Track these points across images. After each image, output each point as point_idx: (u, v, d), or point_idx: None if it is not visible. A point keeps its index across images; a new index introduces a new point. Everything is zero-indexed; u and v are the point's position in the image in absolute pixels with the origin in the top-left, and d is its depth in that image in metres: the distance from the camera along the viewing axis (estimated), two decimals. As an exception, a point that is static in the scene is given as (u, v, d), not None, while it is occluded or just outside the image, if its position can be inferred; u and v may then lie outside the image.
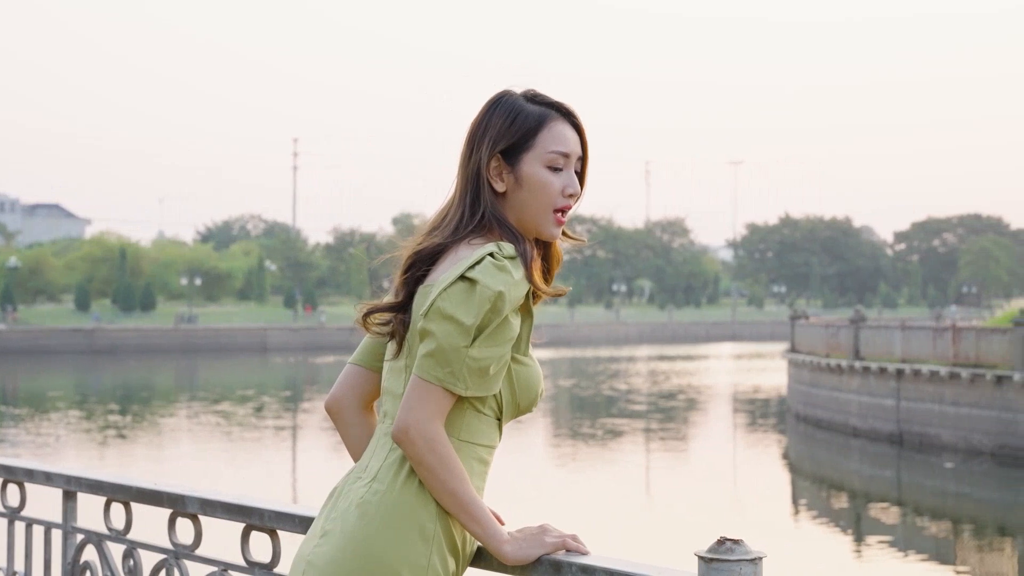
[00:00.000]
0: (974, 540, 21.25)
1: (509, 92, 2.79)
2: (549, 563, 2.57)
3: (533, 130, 2.73)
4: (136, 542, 3.63)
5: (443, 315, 2.57)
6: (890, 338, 33.64)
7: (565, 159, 2.74)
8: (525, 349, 2.71)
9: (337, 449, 30.79)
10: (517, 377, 2.68)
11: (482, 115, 2.77)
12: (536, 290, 2.70)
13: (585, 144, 2.79)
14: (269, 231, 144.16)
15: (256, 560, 3.26)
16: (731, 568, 2.25)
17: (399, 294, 2.76)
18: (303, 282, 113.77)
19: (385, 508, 2.60)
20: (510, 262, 2.61)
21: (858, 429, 33.80)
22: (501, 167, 2.73)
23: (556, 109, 2.77)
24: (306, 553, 2.65)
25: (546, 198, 2.72)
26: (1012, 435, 28.55)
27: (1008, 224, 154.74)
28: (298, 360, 75.24)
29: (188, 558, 3.48)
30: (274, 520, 3.14)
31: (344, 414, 2.90)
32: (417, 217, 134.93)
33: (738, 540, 2.26)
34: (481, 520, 2.60)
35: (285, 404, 44.27)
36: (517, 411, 2.72)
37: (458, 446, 2.66)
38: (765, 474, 28.50)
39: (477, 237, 2.70)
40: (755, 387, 51.98)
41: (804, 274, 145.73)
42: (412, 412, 2.59)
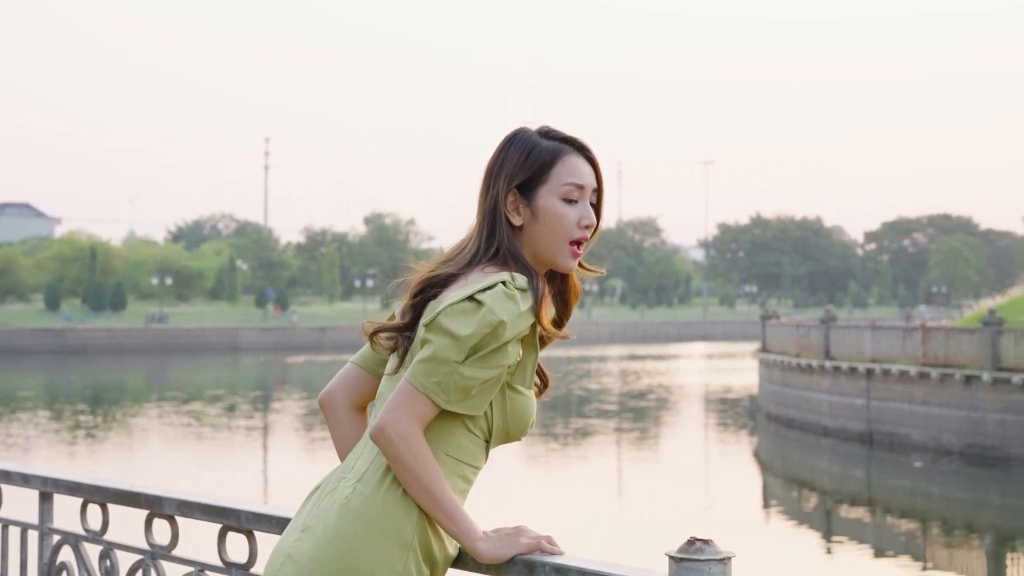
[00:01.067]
0: (943, 538, 21.38)
1: (524, 129, 2.87)
2: (523, 563, 2.62)
3: (548, 164, 2.81)
4: (113, 543, 3.66)
5: (443, 328, 2.65)
6: (860, 338, 33.82)
7: (580, 191, 2.81)
8: (528, 382, 2.79)
9: (308, 450, 30.76)
10: (512, 405, 2.76)
11: (498, 152, 2.86)
12: (542, 329, 2.76)
13: (600, 177, 2.87)
14: (240, 230, 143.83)
15: (233, 560, 3.29)
16: (701, 568, 2.30)
17: (406, 315, 2.83)
18: (275, 282, 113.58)
19: (367, 511, 2.66)
20: (520, 293, 2.68)
21: (828, 428, 33.97)
22: (518, 201, 2.81)
23: (570, 143, 2.85)
24: (286, 546, 2.71)
25: (562, 230, 2.79)
26: (981, 434, 28.74)
27: (977, 224, 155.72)
28: (269, 360, 75.10)
29: (165, 559, 3.51)
30: (251, 521, 3.18)
31: (335, 409, 2.97)
32: (389, 217, 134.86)
33: (708, 540, 2.31)
34: (456, 518, 2.66)
35: (256, 404, 44.17)
36: (506, 437, 2.79)
37: (444, 460, 2.72)
38: (736, 473, 28.62)
39: (490, 267, 2.77)
40: (726, 387, 52.14)
41: (775, 274, 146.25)
42: (392, 412, 2.65)
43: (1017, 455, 27.81)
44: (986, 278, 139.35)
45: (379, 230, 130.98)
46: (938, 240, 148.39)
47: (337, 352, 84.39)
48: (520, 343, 2.71)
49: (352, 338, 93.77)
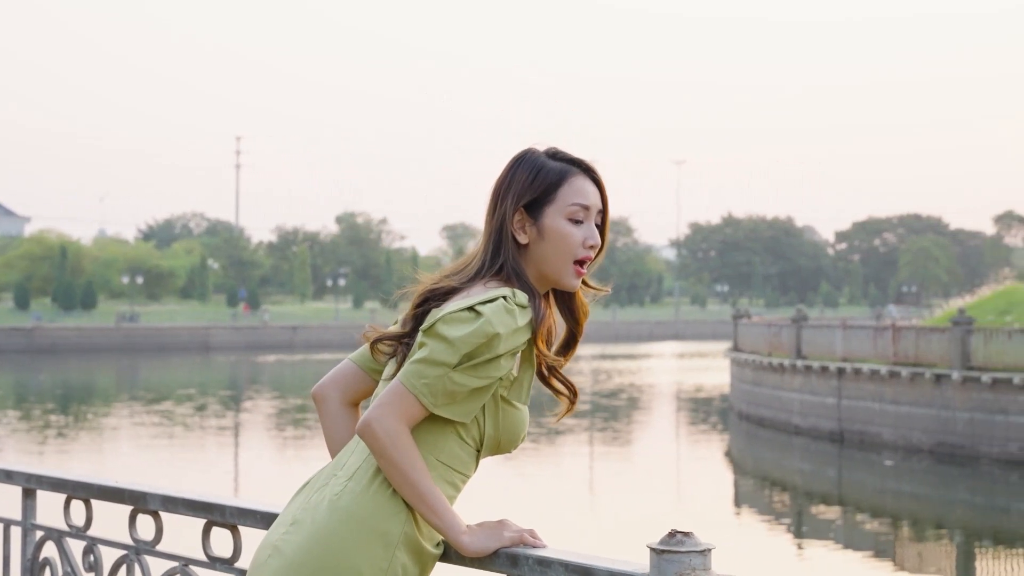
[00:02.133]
0: (913, 536, 21.51)
1: (532, 150, 2.93)
2: (506, 556, 2.67)
3: (555, 184, 2.87)
4: (96, 538, 3.68)
5: (439, 334, 2.70)
6: (831, 337, 33.99)
7: (585, 212, 2.88)
8: (525, 398, 2.86)
9: (279, 449, 30.72)
10: (504, 417, 2.82)
11: (506, 171, 2.92)
12: (538, 350, 2.82)
13: (605, 198, 2.93)
14: (212, 229, 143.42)
15: (217, 555, 3.33)
16: (681, 559, 2.35)
17: (407, 324, 2.88)
18: (246, 281, 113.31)
19: (356, 508, 2.71)
20: (519, 309, 2.73)
21: (800, 427, 34.13)
22: (524, 220, 2.87)
23: (577, 165, 2.91)
24: (274, 539, 2.76)
25: (567, 249, 2.85)
26: (950, 433, 28.93)
27: (947, 224, 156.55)
28: (241, 359, 74.93)
29: (149, 554, 3.53)
30: (236, 516, 3.22)
31: (328, 403, 3.03)
32: (360, 216, 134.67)
33: (688, 532, 2.36)
34: (440, 512, 2.71)
35: (227, 404, 44.07)
36: (497, 448, 2.85)
37: (435, 466, 2.78)
38: (708, 472, 28.71)
39: (494, 282, 2.83)
40: (698, 386, 52.28)
41: (746, 273, 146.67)
42: (380, 408, 2.71)
43: (986, 453, 28.01)
44: (956, 278, 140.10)
45: (351, 229, 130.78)
46: (908, 240, 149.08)
47: (308, 351, 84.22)
48: (518, 358, 2.78)
49: (324, 337, 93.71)
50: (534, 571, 2.62)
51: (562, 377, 2.95)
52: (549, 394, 2.98)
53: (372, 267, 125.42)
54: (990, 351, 28.49)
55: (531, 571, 2.63)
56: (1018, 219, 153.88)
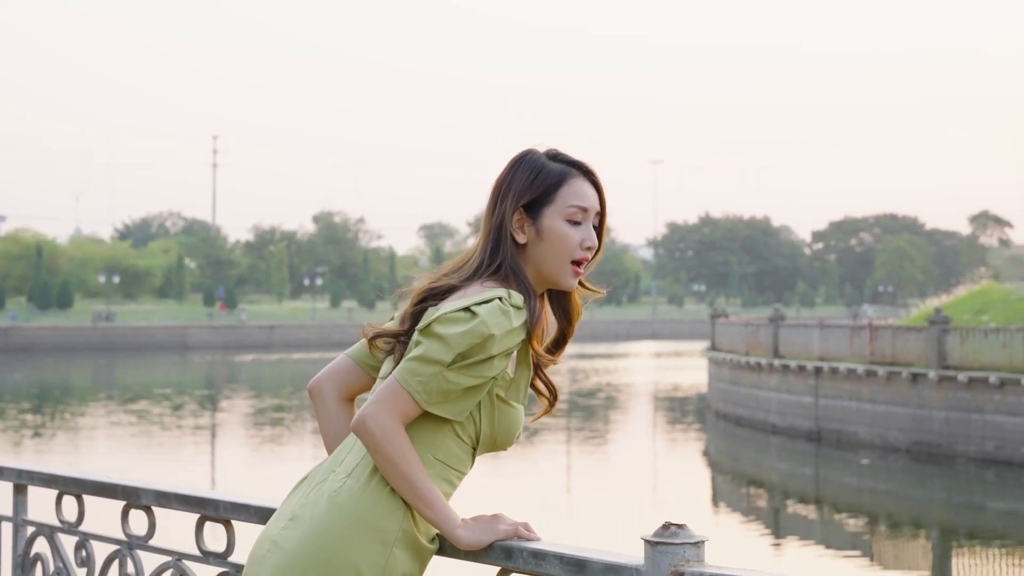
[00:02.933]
0: (889, 534, 21.59)
1: (532, 151, 2.96)
2: (501, 549, 2.70)
3: (555, 186, 2.90)
4: (89, 533, 3.69)
5: (435, 333, 2.73)
6: (809, 336, 34.08)
7: (584, 213, 2.91)
8: (521, 398, 2.89)
9: (257, 450, 30.63)
10: (500, 416, 2.85)
11: (506, 171, 2.94)
12: (532, 350, 2.85)
13: (603, 201, 2.97)
14: (188, 228, 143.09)
15: (211, 550, 3.34)
16: (675, 551, 2.38)
17: (405, 322, 2.91)
18: (223, 280, 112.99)
19: (354, 505, 2.73)
20: (515, 310, 2.76)
21: (777, 426, 34.21)
22: (523, 220, 2.90)
23: (576, 167, 2.95)
24: (272, 534, 2.79)
25: (565, 250, 2.89)
26: (927, 431, 29.04)
27: (923, 224, 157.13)
28: (218, 359, 74.72)
29: (142, 548, 3.54)
30: (230, 511, 3.23)
31: (324, 398, 3.05)
32: (338, 215, 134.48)
33: (682, 524, 2.39)
34: (436, 506, 2.74)
35: (203, 403, 43.94)
36: (493, 446, 2.89)
37: (432, 463, 2.81)
38: (685, 471, 28.77)
39: (492, 281, 2.86)
40: (675, 385, 52.34)
41: (723, 273, 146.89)
42: (374, 405, 2.74)
43: (962, 452, 28.12)
44: (931, 277, 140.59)
45: (328, 228, 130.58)
46: (884, 240, 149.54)
47: (286, 351, 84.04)
48: (514, 358, 2.82)
49: (301, 336, 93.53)
50: (528, 564, 2.65)
51: (545, 378, 2.98)
52: (529, 395, 3.01)
53: (349, 266, 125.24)
54: (966, 350, 28.61)
55: (526, 564, 2.65)
56: (993, 219, 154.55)
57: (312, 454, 29.49)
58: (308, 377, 44.10)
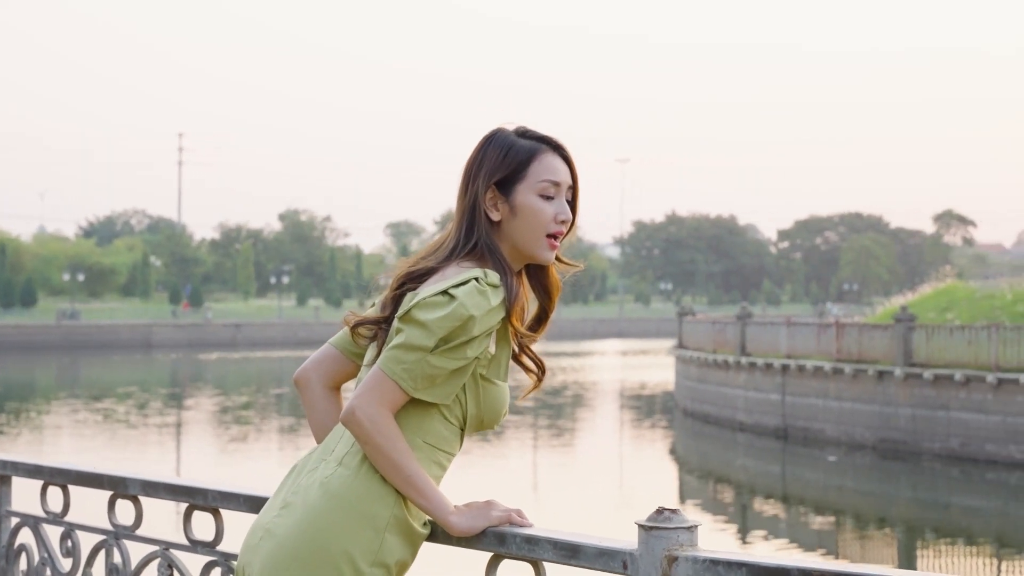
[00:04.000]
0: (856, 531, 21.71)
1: (502, 129, 2.98)
2: (494, 535, 2.72)
3: (525, 162, 2.91)
4: (74, 524, 3.68)
5: (415, 320, 2.75)
6: (776, 334, 34.23)
7: (556, 188, 2.92)
8: (503, 375, 2.90)
9: (225, 451, 30.51)
10: (485, 395, 2.87)
11: (477, 151, 2.96)
12: (512, 327, 2.87)
13: (575, 175, 2.98)
14: (154, 226, 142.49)
15: (199, 539, 3.34)
16: (669, 536, 2.40)
17: (386, 308, 2.92)
18: (189, 278, 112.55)
19: (346, 492, 2.75)
20: (492, 289, 2.78)
21: (744, 424, 34.34)
22: (496, 198, 2.91)
23: (546, 143, 2.96)
24: (265, 522, 2.81)
25: (538, 224, 2.90)
26: (893, 429, 29.21)
27: (888, 223, 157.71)
28: (182, 357, 74.41)
29: (129, 538, 3.53)
30: (219, 500, 3.23)
31: (310, 389, 3.06)
32: (304, 213, 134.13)
33: (675, 510, 2.42)
34: (427, 493, 2.77)
35: (168, 402, 43.75)
36: (480, 425, 2.90)
37: (421, 447, 2.83)
38: (653, 469, 28.84)
39: (468, 262, 2.87)
40: (642, 383, 52.44)
41: (690, 271, 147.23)
42: (362, 396, 2.76)
43: (928, 449, 28.30)
44: (896, 276, 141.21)
45: (295, 226, 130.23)
46: (849, 238, 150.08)
47: (252, 349, 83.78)
48: (494, 336, 2.83)
49: (268, 334, 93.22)
50: (522, 549, 2.66)
51: (531, 353, 2.99)
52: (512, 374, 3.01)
53: (316, 264, 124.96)
54: (932, 348, 28.80)
55: (519, 549, 2.67)
56: (957, 218, 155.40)
57: (278, 454, 29.44)
58: (274, 375, 44.14)
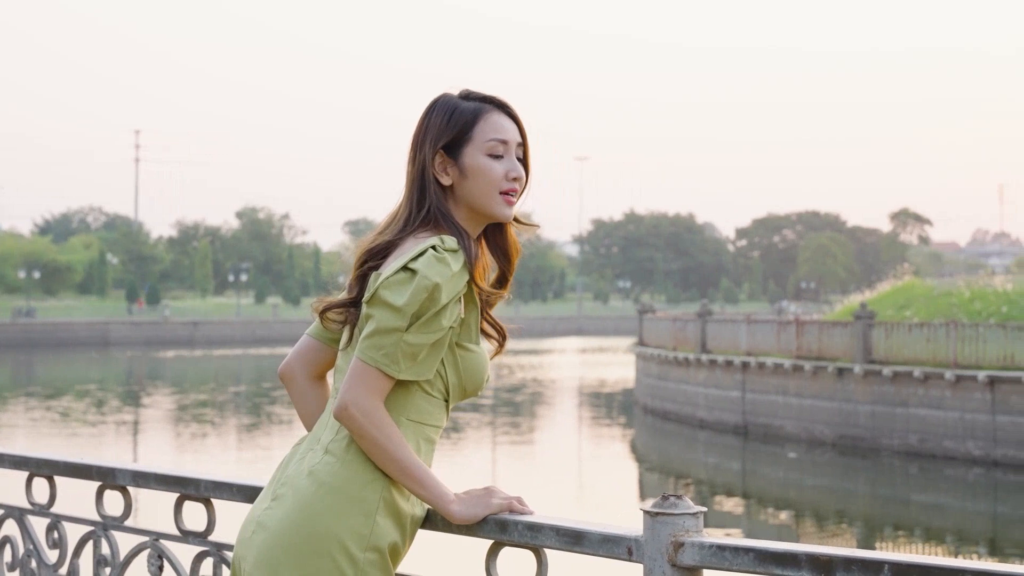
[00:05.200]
0: (815, 527, 21.81)
1: (445, 94, 2.96)
2: (495, 522, 2.71)
3: (471, 123, 2.90)
4: (60, 515, 3.63)
5: (383, 302, 2.72)
6: (736, 332, 34.34)
7: (504, 146, 2.91)
8: (475, 338, 2.88)
9: (184, 449, 30.35)
10: (464, 363, 2.85)
11: (422, 118, 2.94)
12: (477, 289, 2.85)
13: (523, 132, 2.97)
14: (110, 224, 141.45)
15: (190, 529, 3.31)
16: (675, 521, 2.40)
17: (352, 290, 2.89)
18: (146, 276, 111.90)
19: (333, 479, 2.75)
20: (451, 255, 2.75)
21: (704, 421, 34.44)
22: (445, 162, 2.89)
23: (490, 102, 2.95)
24: (257, 514, 2.80)
25: (490, 183, 2.88)
26: (852, 425, 29.38)
27: (845, 221, 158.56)
28: (139, 355, 73.98)
29: (117, 529, 3.50)
30: (211, 490, 3.20)
31: (296, 381, 3.05)
32: (262, 211, 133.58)
33: (680, 495, 2.41)
34: (426, 483, 2.76)
35: (126, 399, 43.48)
36: (464, 394, 2.89)
37: (407, 425, 2.82)
38: (612, 466, 28.88)
39: (424, 232, 2.85)
40: (601, 381, 52.50)
41: (648, 269, 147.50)
42: (351, 391, 2.74)
43: (887, 445, 28.48)
44: (853, 274, 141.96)
45: (253, 224, 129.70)
46: (807, 237, 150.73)
47: (209, 347, 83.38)
48: (461, 302, 2.80)
49: (225, 332, 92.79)
50: (524, 536, 2.65)
51: (491, 319, 2.97)
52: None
53: (274, 262, 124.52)
54: (891, 345, 28.98)
55: (521, 536, 2.66)
56: (913, 217, 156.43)
57: (236, 451, 29.32)
58: (232, 374, 43.91)
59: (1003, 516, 23.36)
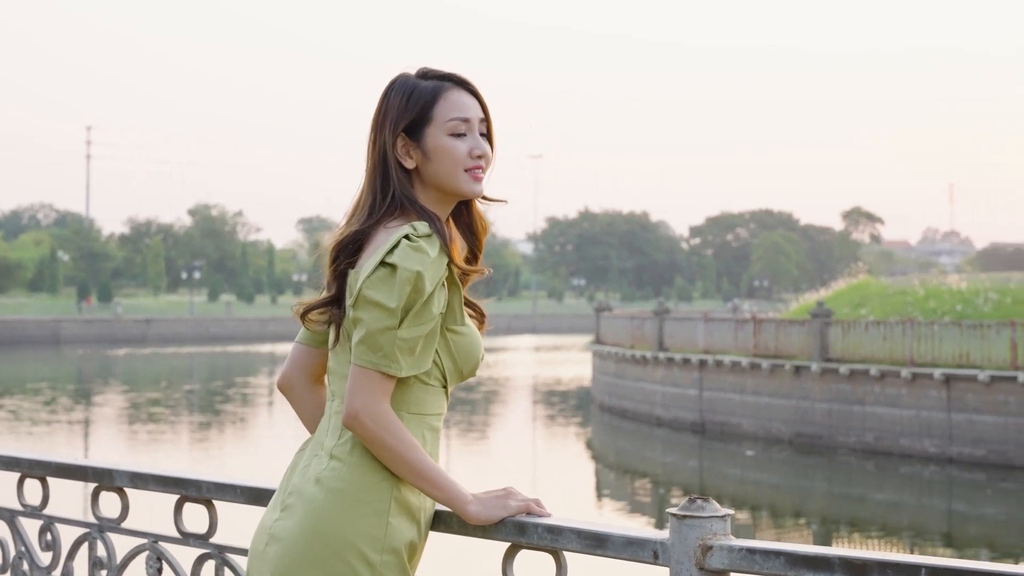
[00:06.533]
0: (772, 524, 21.88)
1: (403, 74, 2.88)
2: (513, 524, 2.66)
3: (430, 103, 2.82)
4: (54, 517, 3.55)
5: (369, 301, 2.66)
6: (693, 330, 34.40)
7: (466, 124, 2.83)
8: (460, 319, 2.81)
9: (134, 449, 30.12)
10: (456, 346, 2.80)
11: (381, 101, 2.87)
12: (456, 268, 2.78)
13: (485, 108, 2.89)
14: (61, 221, 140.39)
15: (191, 531, 3.24)
16: (703, 524, 2.36)
17: (331, 287, 2.82)
18: (98, 273, 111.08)
19: (341, 485, 2.70)
20: (425, 241, 2.69)
21: (662, 419, 34.50)
22: (407, 144, 2.82)
23: (449, 80, 2.87)
24: (268, 526, 2.75)
25: (455, 163, 2.81)
26: (809, 423, 29.51)
27: (798, 220, 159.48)
28: (91, 353, 73.43)
29: (114, 531, 3.42)
30: (213, 491, 3.13)
31: (296, 391, 2.99)
32: (215, 208, 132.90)
33: (707, 498, 2.37)
34: (442, 485, 2.71)
35: (78, 398, 43.10)
36: (461, 377, 2.84)
37: (409, 419, 2.76)
38: (569, 465, 28.86)
39: (393, 220, 2.78)
40: (557, 379, 52.50)
41: (603, 267, 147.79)
42: (357, 398, 2.68)
43: (843, 443, 28.62)
44: (806, 272, 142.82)
45: (205, 221, 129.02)
46: (760, 235, 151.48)
47: (162, 345, 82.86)
48: (444, 286, 2.75)
49: (178, 330, 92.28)
50: (544, 539, 2.60)
51: (469, 300, 2.94)
52: None
53: (228, 259, 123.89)
54: (848, 343, 29.13)
55: (540, 539, 2.61)
56: (865, 215, 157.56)
57: (188, 450, 29.14)
58: (184, 371, 43.61)
59: (959, 513, 23.52)
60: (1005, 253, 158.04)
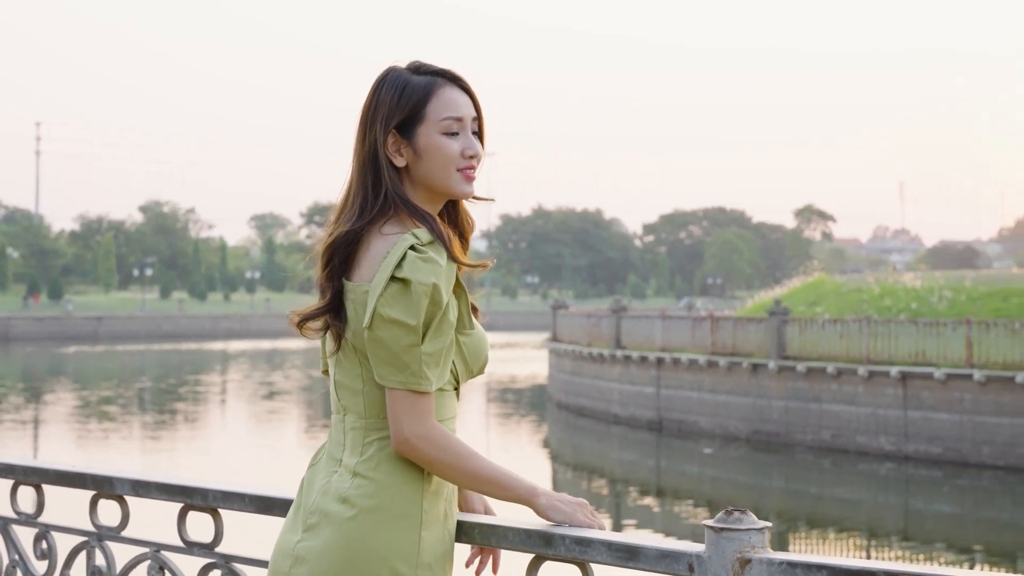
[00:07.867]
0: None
1: (394, 67, 2.79)
2: (539, 535, 2.57)
3: (423, 101, 2.74)
4: (49, 525, 3.46)
5: (387, 320, 2.58)
6: (651, 328, 34.44)
7: (459, 123, 2.76)
8: (469, 324, 2.75)
9: (80, 445, 29.84)
10: (467, 348, 2.73)
11: (371, 95, 2.77)
12: (461, 266, 2.71)
13: (478, 105, 2.82)
14: (10, 217, 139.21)
15: (195, 540, 3.16)
16: (741, 537, 2.30)
17: (325, 292, 2.73)
18: (48, 270, 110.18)
19: (371, 501, 2.61)
20: (431, 247, 2.62)
21: (619, 416, 34.52)
22: (399, 142, 2.74)
23: (442, 76, 2.79)
24: (290, 548, 2.65)
25: (446, 163, 2.73)
26: (766, 421, 29.61)
27: (750, 218, 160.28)
28: (40, 350, 72.81)
29: (113, 540, 3.33)
30: (219, 499, 3.04)
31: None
32: (167, 205, 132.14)
33: (744, 510, 2.31)
34: (507, 484, 2.65)
35: (27, 397, 42.69)
36: (471, 376, 2.78)
37: None
38: (525, 462, 28.83)
39: (386, 223, 2.69)
40: (512, 376, 52.47)
41: (556, 265, 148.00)
42: (402, 423, 2.61)
43: (800, 441, 28.74)
44: (758, 270, 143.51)
45: (157, 218, 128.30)
46: (713, 232, 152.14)
47: (113, 342, 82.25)
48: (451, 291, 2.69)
49: (130, 328, 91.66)
50: (572, 551, 2.51)
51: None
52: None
53: (180, 257, 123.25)
54: (805, 341, 29.24)
55: (568, 551, 2.52)
56: (817, 213, 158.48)
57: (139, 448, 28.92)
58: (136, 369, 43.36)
59: (915, 510, 23.67)
60: (955, 251, 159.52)
